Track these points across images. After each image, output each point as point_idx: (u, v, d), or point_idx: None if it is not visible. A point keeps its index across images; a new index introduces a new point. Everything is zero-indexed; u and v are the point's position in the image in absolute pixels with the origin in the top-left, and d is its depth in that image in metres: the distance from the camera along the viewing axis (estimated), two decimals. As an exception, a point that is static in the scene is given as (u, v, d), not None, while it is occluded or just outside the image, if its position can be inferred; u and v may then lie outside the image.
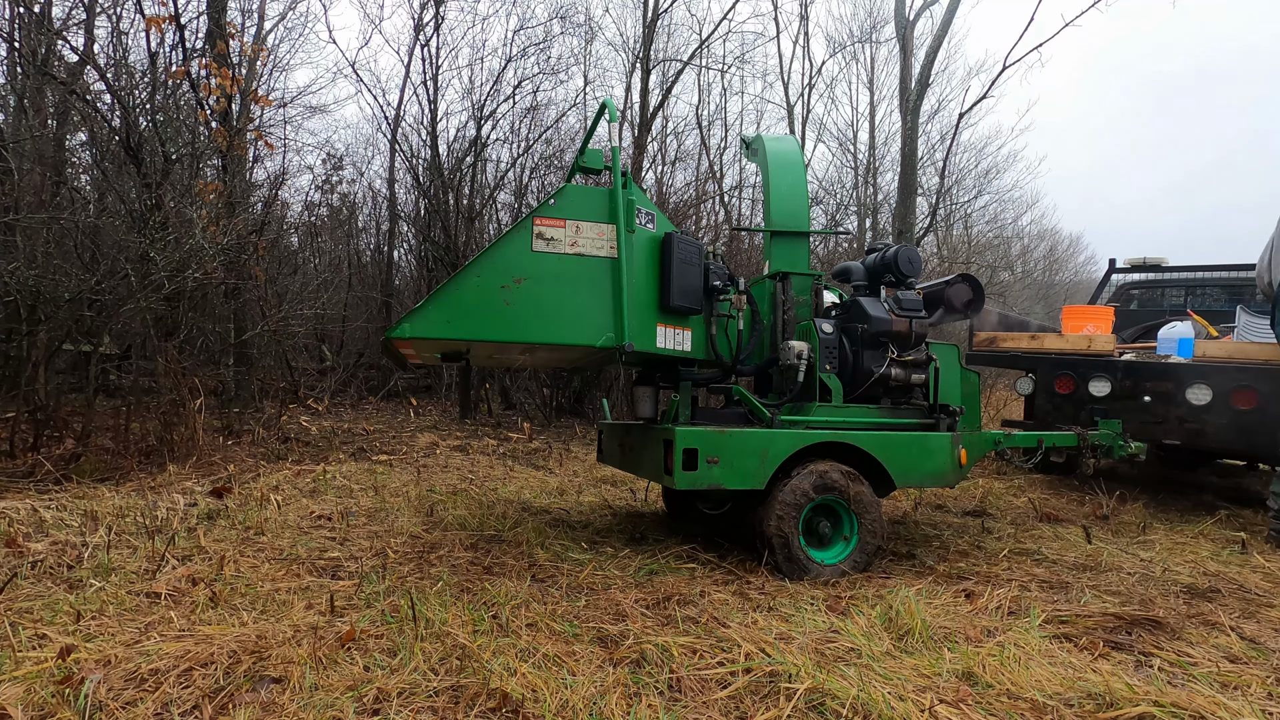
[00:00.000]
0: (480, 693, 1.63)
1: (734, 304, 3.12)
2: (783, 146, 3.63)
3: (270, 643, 1.85)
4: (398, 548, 2.97)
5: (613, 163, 2.64)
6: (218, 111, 6.27)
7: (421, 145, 9.91)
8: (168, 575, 2.46)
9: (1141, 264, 6.55)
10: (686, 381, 3.12)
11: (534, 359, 3.34)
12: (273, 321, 6.81)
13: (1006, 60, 10.00)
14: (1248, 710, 1.64)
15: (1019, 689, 1.72)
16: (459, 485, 4.61)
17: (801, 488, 2.72)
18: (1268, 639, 2.16)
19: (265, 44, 10.68)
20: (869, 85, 16.85)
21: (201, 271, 5.15)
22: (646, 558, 2.90)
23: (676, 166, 12.43)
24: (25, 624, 1.98)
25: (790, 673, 1.73)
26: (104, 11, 7.42)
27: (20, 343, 4.96)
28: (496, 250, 2.51)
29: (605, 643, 1.99)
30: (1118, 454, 3.73)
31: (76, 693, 1.56)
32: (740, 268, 8.66)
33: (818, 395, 3.01)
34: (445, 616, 2.09)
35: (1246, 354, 4.22)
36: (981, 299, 3.28)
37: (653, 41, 11.00)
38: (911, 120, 11.33)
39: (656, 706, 1.61)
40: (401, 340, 2.50)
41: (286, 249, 9.94)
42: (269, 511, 3.52)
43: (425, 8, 9.06)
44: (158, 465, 4.47)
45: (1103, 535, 3.62)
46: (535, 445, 6.49)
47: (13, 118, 6.70)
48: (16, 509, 3.16)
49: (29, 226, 4.94)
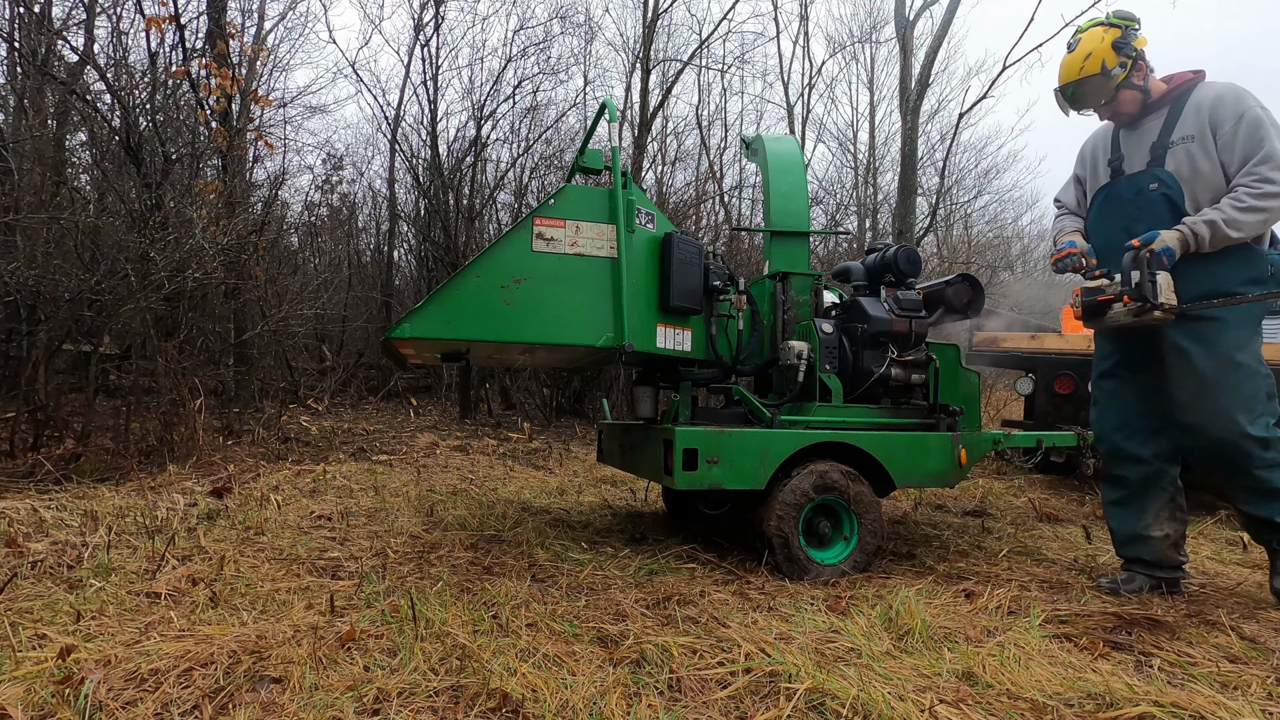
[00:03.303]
0: (480, 693, 1.63)
1: (734, 304, 3.12)
2: (783, 147, 3.63)
3: (270, 643, 1.85)
4: (398, 548, 2.97)
5: (613, 163, 2.64)
6: (218, 111, 6.27)
7: (421, 145, 9.92)
8: (168, 575, 2.46)
9: None
10: (686, 381, 3.12)
11: (534, 359, 3.34)
12: (273, 321, 6.81)
13: (1006, 60, 10.01)
14: (1248, 710, 1.64)
15: (1019, 689, 1.72)
16: (459, 485, 4.61)
17: (801, 488, 2.72)
18: (1268, 639, 2.16)
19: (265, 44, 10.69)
20: (869, 85, 16.86)
21: (201, 271, 5.15)
22: (646, 558, 2.90)
23: (676, 166, 12.44)
24: (25, 624, 1.98)
25: (790, 673, 1.73)
26: (104, 11, 7.42)
27: (20, 343, 4.96)
28: (496, 250, 2.51)
29: (605, 643, 1.99)
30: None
31: (76, 693, 1.56)
32: (740, 268, 8.66)
33: (818, 395, 3.01)
34: (445, 616, 2.09)
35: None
36: (981, 299, 3.28)
37: (653, 41, 11.00)
38: (911, 120, 11.33)
39: (656, 706, 1.61)
40: (401, 340, 2.50)
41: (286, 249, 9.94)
42: (269, 511, 3.52)
43: (425, 8, 9.07)
44: (158, 465, 4.47)
45: (1103, 535, 3.62)
46: (535, 445, 6.49)
47: (13, 118, 6.70)
48: (16, 509, 3.16)
49: (29, 226, 4.94)
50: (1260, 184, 2.34)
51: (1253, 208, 2.34)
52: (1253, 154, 2.37)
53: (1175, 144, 2.51)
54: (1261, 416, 2.42)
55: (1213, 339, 2.44)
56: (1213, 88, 2.50)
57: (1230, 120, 2.41)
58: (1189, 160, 2.48)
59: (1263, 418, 2.42)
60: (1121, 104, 2.63)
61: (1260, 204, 2.34)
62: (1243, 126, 2.39)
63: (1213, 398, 2.44)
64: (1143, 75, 2.59)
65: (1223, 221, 2.36)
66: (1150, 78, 2.61)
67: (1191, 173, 2.48)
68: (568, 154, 10.15)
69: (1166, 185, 2.52)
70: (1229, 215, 2.36)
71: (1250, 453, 2.41)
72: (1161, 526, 2.67)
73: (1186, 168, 2.49)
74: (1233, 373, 2.42)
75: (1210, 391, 2.45)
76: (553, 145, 10.46)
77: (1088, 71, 2.60)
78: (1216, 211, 2.39)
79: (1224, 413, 2.43)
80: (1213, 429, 2.46)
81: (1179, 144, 2.50)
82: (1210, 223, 2.38)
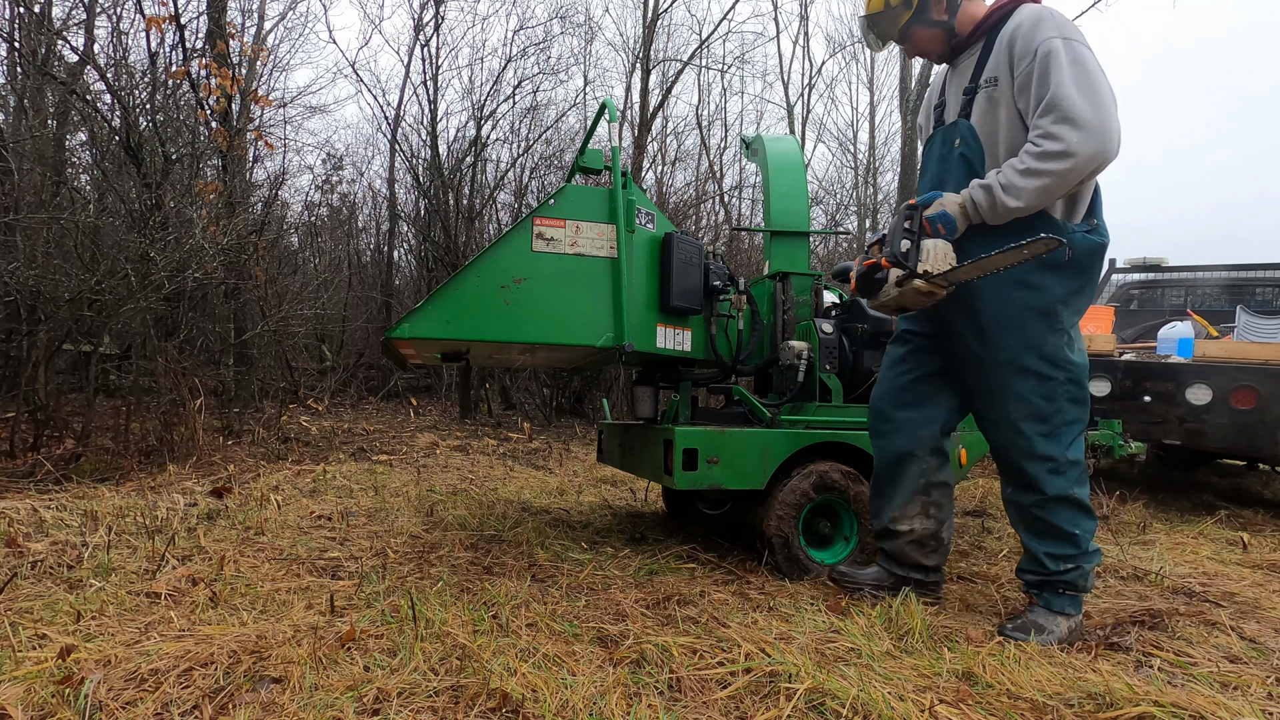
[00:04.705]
0: (480, 693, 1.63)
1: (734, 304, 3.12)
2: (783, 147, 3.63)
3: (270, 643, 1.85)
4: (398, 548, 2.97)
5: (613, 163, 2.64)
6: (218, 111, 6.27)
7: (421, 145, 9.92)
8: (168, 575, 2.45)
9: (1141, 264, 6.56)
10: (686, 381, 3.12)
11: (534, 359, 3.34)
12: (273, 321, 6.81)
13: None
14: (1248, 710, 1.64)
15: (1019, 689, 1.72)
16: (459, 485, 4.61)
17: (801, 488, 2.72)
18: (1268, 639, 2.16)
19: (265, 44, 10.69)
20: (869, 85, 16.89)
21: (201, 271, 5.15)
22: (646, 558, 2.90)
23: (676, 166, 12.46)
24: (25, 624, 1.98)
25: (790, 673, 1.73)
26: (104, 11, 7.43)
27: (20, 343, 4.96)
28: (496, 250, 2.51)
29: (605, 643, 1.99)
30: (1118, 454, 3.73)
31: (76, 693, 1.56)
32: (740, 268, 8.67)
33: (818, 395, 3.01)
34: (445, 616, 2.09)
35: (1246, 354, 4.22)
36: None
37: (653, 41, 11.01)
38: (911, 120, 11.33)
39: (656, 706, 1.61)
40: (401, 340, 2.50)
41: (286, 249, 9.94)
42: (269, 511, 3.52)
43: (425, 8, 9.07)
44: (158, 465, 4.47)
45: (1103, 535, 3.62)
46: (535, 445, 6.49)
47: (13, 118, 6.70)
48: (16, 509, 3.16)
49: (29, 226, 4.94)
50: (1041, 140, 1.84)
51: (1030, 170, 1.84)
52: (1041, 101, 1.87)
53: (980, 89, 2.05)
54: (1058, 431, 2.02)
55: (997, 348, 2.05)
56: (1023, 13, 1.99)
57: (1026, 57, 1.91)
58: (990, 109, 2.02)
59: (1059, 432, 2.02)
60: (919, 43, 2.22)
61: (1039, 165, 1.83)
62: (1036, 65, 1.88)
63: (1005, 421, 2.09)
64: (943, 8, 2.13)
65: (1000, 186, 1.90)
66: (964, 7, 2.14)
67: (992, 125, 2.01)
68: (568, 154, 10.16)
69: (966, 142, 2.08)
70: (1007, 179, 1.89)
71: (1037, 476, 2.04)
72: (910, 521, 2.34)
73: (988, 119, 2.02)
74: (1020, 381, 2.03)
75: (994, 396, 2.10)
76: (553, 145, 10.47)
77: (873, 7, 2.22)
78: (997, 174, 1.92)
79: (1010, 424, 2.07)
80: (998, 439, 2.14)
81: (982, 89, 2.04)
82: (987, 188, 1.93)
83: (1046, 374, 2.01)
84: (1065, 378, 2.02)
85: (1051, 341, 2.01)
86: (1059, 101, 1.81)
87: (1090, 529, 2.09)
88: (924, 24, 2.17)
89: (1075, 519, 2.06)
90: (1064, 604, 2.09)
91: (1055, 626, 2.06)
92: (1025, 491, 2.10)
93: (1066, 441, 2.03)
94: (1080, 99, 1.80)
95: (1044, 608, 2.11)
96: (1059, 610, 2.09)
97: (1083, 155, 1.80)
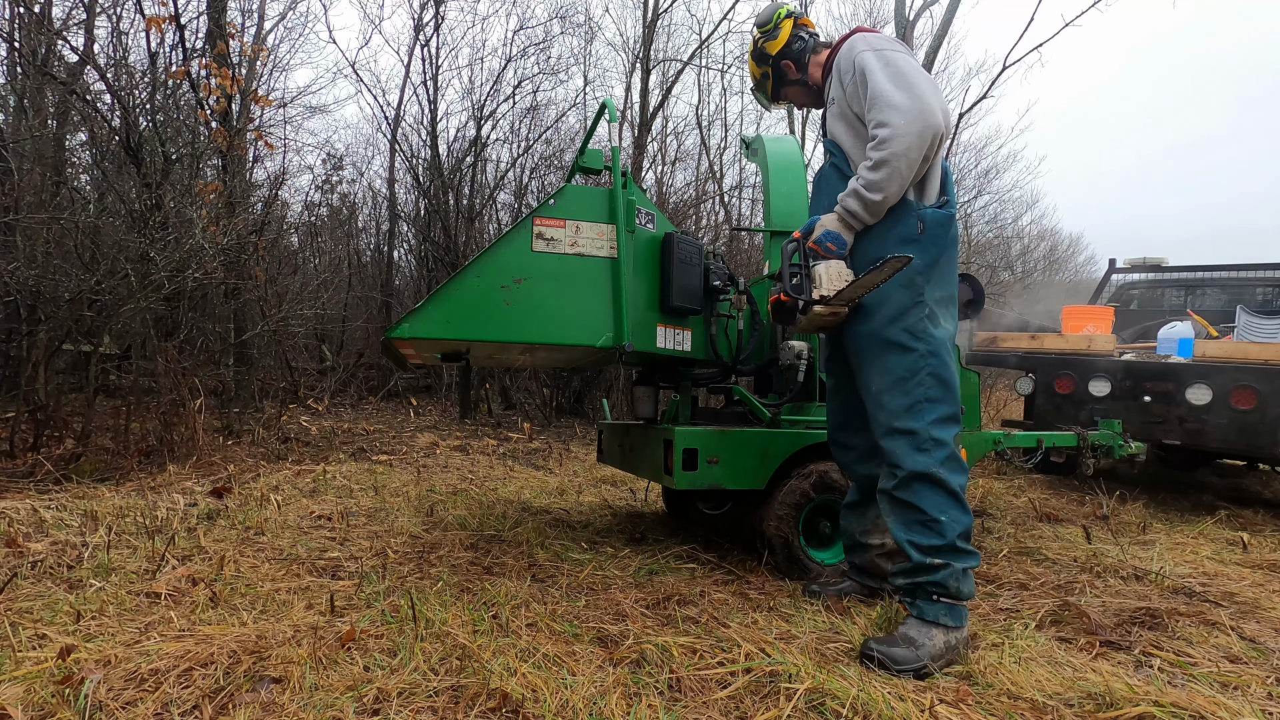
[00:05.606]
0: (480, 693, 1.63)
1: (734, 304, 3.12)
2: (783, 147, 3.63)
3: (270, 643, 1.85)
4: (398, 548, 2.97)
5: (613, 163, 2.64)
6: (218, 111, 6.27)
7: (421, 145, 9.91)
8: (168, 575, 2.46)
9: (1141, 264, 6.56)
10: (686, 381, 3.12)
11: (534, 359, 3.34)
12: (273, 321, 6.80)
13: (1006, 60, 10.00)
14: (1248, 710, 1.64)
15: (1019, 689, 1.72)
16: (459, 485, 4.61)
17: (801, 488, 2.72)
18: (1268, 639, 2.16)
19: (265, 44, 10.69)
20: (869, 85, 16.82)
21: (201, 271, 5.15)
22: (646, 558, 2.90)
23: (676, 166, 12.44)
24: (25, 624, 1.98)
25: (790, 673, 1.73)
26: (104, 11, 7.43)
27: (20, 343, 4.96)
28: (496, 250, 2.51)
29: (605, 643, 1.99)
30: (1118, 454, 3.73)
31: (76, 693, 1.56)
32: (740, 268, 8.67)
33: (818, 395, 3.01)
34: (445, 616, 2.09)
35: (1246, 354, 4.22)
36: (982, 299, 3.27)
37: (653, 41, 11.00)
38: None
39: (656, 706, 1.61)
40: (401, 340, 2.50)
41: (286, 249, 9.93)
42: (269, 511, 3.52)
43: (425, 8, 9.07)
44: (158, 465, 4.47)
45: (1103, 535, 3.62)
46: (535, 445, 6.49)
47: (13, 118, 6.70)
48: (16, 509, 3.16)
49: (29, 226, 4.94)
50: (875, 130, 2.02)
51: (878, 163, 2.00)
52: (868, 104, 2.07)
53: (828, 108, 2.32)
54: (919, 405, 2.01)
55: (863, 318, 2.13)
56: (846, 44, 2.25)
57: (849, 73, 2.17)
58: (841, 125, 2.24)
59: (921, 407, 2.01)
60: (791, 98, 2.56)
61: (880, 155, 2.00)
62: (857, 77, 2.12)
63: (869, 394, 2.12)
64: (794, 70, 2.47)
65: (863, 188, 2.05)
66: (810, 62, 2.46)
67: (847, 138, 2.23)
68: (568, 154, 10.15)
69: (834, 155, 2.28)
70: (864, 179, 2.04)
71: (896, 450, 2.01)
72: (880, 535, 2.38)
73: (843, 134, 2.24)
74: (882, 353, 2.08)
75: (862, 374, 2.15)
76: (553, 145, 10.46)
77: (752, 77, 2.60)
78: (855, 179, 2.08)
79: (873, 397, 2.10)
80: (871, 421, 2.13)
81: (829, 107, 2.31)
82: (853, 192, 2.07)
83: (907, 344, 2.04)
84: (926, 350, 2.04)
85: (913, 314, 2.06)
86: (876, 98, 2.04)
87: (961, 523, 1.96)
88: (786, 84, 2.54)
89: (940, 504, 1.95)
90: (938, 613, 1.91)
91: (928, 640, 1.87)
92: (889, 475, 2.05)
93: (929, 419, 2.00)
94: (895, 91, 2.02)
95: (917, 618, 1.95)
96: (933, 620, 1.91)
97: (910, 133, 1.98)
